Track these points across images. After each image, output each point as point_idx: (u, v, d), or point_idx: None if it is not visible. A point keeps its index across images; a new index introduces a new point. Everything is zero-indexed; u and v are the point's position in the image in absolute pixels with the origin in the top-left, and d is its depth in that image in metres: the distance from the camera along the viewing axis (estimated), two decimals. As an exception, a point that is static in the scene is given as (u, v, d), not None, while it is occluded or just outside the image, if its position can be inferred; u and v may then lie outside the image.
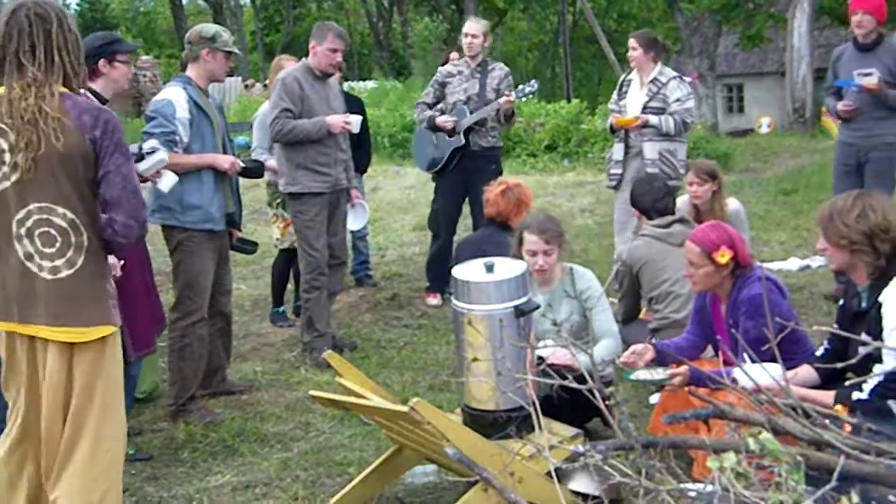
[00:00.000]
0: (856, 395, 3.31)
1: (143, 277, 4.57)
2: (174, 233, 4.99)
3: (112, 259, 3.50)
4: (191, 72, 5.07)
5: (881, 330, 3.31)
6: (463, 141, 6.92)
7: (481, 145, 7.00)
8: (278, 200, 6.64)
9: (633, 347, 4.08)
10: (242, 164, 5.23)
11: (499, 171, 7.06)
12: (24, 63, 2.96)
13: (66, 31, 3.02)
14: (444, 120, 6.93)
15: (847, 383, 3.35)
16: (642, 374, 3.89)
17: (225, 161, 5.05)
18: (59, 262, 3.02)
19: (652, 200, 5.26)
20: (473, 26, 7.12)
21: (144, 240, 4.51)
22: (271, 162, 6.16)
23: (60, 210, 3.00)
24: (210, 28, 5.17)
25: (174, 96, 4.90)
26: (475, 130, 6.94)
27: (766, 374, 2.72)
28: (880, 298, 3.34)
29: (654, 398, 4.93)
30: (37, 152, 2.92)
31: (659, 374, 3.86)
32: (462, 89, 7.00)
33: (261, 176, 5.84)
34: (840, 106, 6.35)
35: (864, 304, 3.45)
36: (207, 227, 5.00)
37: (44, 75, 2.97)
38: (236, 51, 5.19)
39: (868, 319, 3.39)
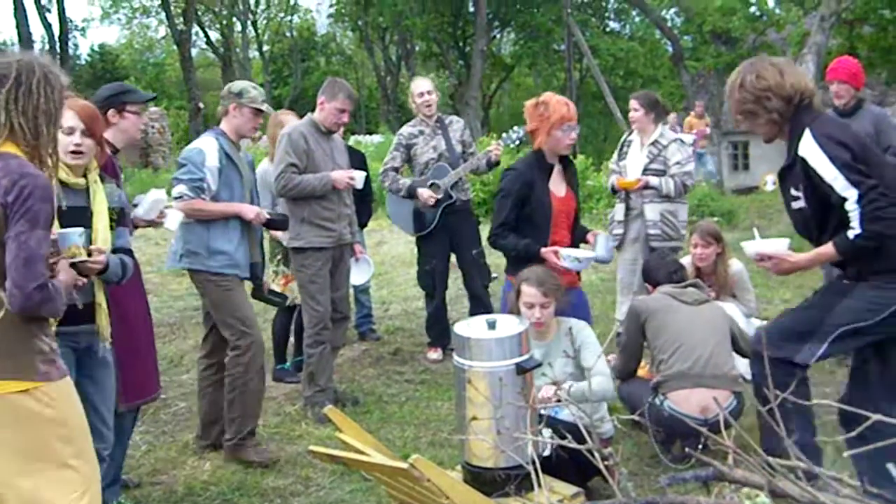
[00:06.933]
0: (851, 234, 3.60)
1: (144, 327, 4.56)
2: (206, 276, 5.05)
3: None
4: (223, 125, 5.21)
5: (809, 182, 3.67)
6: (452, 196, 6.96)
7: (462, 199, 7.06)
8: (279, 257, 6.68)
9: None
10: (268, 216, 5.29)
11: (477, 222, 7.25)
12: None
13: (18, 92, 2.96)
14: (428, 195, 6.87)
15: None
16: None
17: (250, 211, 5.14)
18: None
19: (667, 275, 5.31)
20: (427, 83, 7.16)
21: (140, 286, 4.54)
22: None
23: None
24: (238, 84, 5.29)
25: (206, 146, 5.04)
26: (456, 185, 6.99)
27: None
28: (799, 153, 3.70)
29: None
30: None
31: None
32: (430, 148, 7.04)
33: (286, 228, 5.83)
34: None
35: (787, 161, 3.82)
36: (234, 272, 5.07)
37: None
38: (264, 108, 5.23)
39: (793, 174, 3.78)
